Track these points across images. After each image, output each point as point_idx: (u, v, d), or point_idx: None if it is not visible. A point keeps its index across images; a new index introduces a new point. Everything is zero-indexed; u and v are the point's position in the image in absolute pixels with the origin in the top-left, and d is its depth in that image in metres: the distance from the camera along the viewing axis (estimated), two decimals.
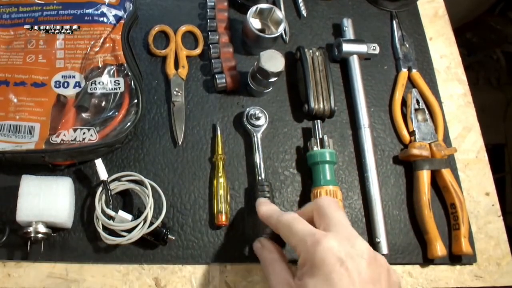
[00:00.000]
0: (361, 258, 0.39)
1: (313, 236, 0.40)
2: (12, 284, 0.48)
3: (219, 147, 0.56)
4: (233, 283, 0.52)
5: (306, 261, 0.40)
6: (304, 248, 0.40)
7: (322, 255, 0.38)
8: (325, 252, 0.38)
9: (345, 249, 0.38)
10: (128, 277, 0.50)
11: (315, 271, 0.38)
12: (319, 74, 0.60)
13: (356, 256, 0.38)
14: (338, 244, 0.39)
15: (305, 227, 0.42)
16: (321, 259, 0.38)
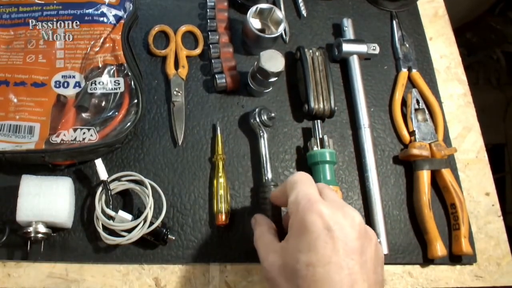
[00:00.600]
0: (351, 228, 0.38)
1: (308, 198, 0.39)
2: (12, 284, 0.48)
3: (219, 147, 0.56)
4: (233, 283, 0.52)
5: (294, 222, 0.39)
6: (295, 209, 0.39)
7: (311, 219, 0.38)
8: (315, 217, 0.38)
9: (336, 218, 0.38)
10: (128, 277, 0.50)
11: (301, 234, 0.38)
12: (319, 74, 0.60)
13: (346, 226, 0.38)
14: (330, 211, 0.38)
15: (306, 189, 0.41)
16: (310, 223, 0.38)
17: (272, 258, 0.41)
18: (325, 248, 0.37)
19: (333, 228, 0.37)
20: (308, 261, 0.37)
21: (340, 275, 0.36)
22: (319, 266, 0.36)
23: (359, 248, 0.38)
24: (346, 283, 0.36)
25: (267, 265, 0.41)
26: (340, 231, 0.37)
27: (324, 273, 0.36)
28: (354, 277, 0.36)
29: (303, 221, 0.38)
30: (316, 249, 0.37)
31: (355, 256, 0.37)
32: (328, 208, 0.38)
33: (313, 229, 0.37)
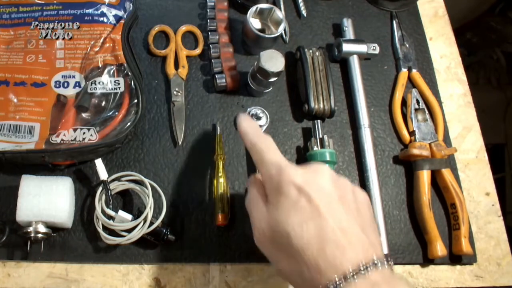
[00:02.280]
0: (323, 181, 0.40)
1: (279, 167, 0.40)
2: (12, 284, 0.48)
3: (219, 147, 0.56)
4: (233, 283, 0.52)
5: (271, 191, 0.41)
6: (269, 178, 0.41)
7: (282, 184, 0.39)
8: (285, 181, 0.39)
9: (305, 177, 0.39)
10: (128, 277, 0.50)
11: (279, 202, 0.39)
12: (319, 74, 0.60)
13: (318, 182, 0.39)
14: (301, 173, 0.40)
15: (274, 157, 0.42)
16: (284, 189, 0.39)
17: (262, 224, 0.41)
18: (302, 208, 0.38)
19: (306, 188, 0.38)
20: (298, 221, 0.38)
21: (329, 223, 0.37)
22: (308, 221, 0.37)
23: (337, 196, 0.39)
24: (338, 229, 0.37)
25: (257, 232, 0.41)
26: (315, 188, 0.39)
27: (316, 226, 0.37)
28: (343, 224, 0.37)
29: (278, 190, 0.39)
30: (300, 210, 0.38)
31: (336, 205, 0.39)
32: (297, 171, 0.40)
33: (289, 195, 0.39)
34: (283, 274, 0.40)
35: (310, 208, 0.38)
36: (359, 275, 0.35)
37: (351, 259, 0.36)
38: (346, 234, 0.37)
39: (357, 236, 0.37)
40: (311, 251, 0.37)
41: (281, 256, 0.39)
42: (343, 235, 0.37)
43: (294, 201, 0.38)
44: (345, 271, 0.35)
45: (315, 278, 0.36)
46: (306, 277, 0.37)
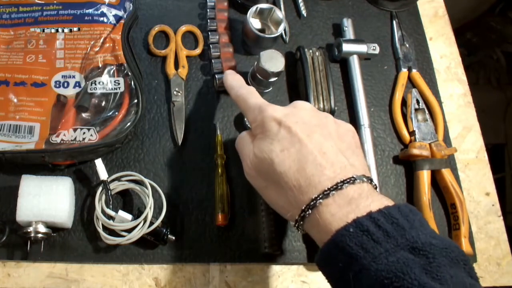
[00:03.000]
0: (303, 112, 0.44)
1: (260, 107, 0.45)
2: (12, 284, 0.48)
3: (219, 147, 0.56)
4: (233, 283, 0.52)
5: (256, 129, 0.45)
6: (254, 119, 0.45)
7: (266, 121, 0.43)
8: (268, 118, 0.43)
9: (284, 112, 0.43)
10: (128, 277, 0.50)
11: (263, 136, 0.43)
12: (319, 74, 0.60)
13: (296, 113, 0.43)
14: (280, 109, 0.44)
15: (257, 100, 0.46)
16: (266, 124, 0.43)
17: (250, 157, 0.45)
18: (287, 136, 0.42)
19: (285, 120, 0.42)
20: (280, 149, 0.41)
21: (308, 147, 0.40)
22: (289, 148, 0.41)
23: (317, 124, 0.43)
24: (317, 152, 0.40)
25: (246, 166, 0.45)
26: (293, 120, 0.42)
27: (296, 151, 0.41)
28: (321, 147, 0.41)
29: (262, 127, 0.43)
30: (281, 139, 0.42)
31: (316, 132, 0.42)
32: (277, 107, 0.44)
33: (271, 129, 0.43)
34: (271, 202, 0.44)
35: (290, 137, 0.41)
36: (337, 191, 0.38)
37: (329, 177, 0.39)
38: (324, 156, 0.40)
39: (335, 158, 0.40)
40: (292, 173, 0.40)
41: (267, 184, 0.43)
42: (322, 157, 0.40)
43: (275, 133, 0.42)
44: (324, 188, 0.38)
45: (297, 198, 0.40)
46: (290, 199, 0.40)
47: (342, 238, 0.36)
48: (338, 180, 0.39)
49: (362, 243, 0.35)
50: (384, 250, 0.34)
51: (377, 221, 0.36)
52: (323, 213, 0.38)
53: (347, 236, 0.36)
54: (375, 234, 0.35)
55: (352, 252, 0.35)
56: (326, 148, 0.41)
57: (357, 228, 0.36)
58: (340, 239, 0.36)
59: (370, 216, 0.36)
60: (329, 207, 0.38)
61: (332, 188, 0.38)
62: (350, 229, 0.36)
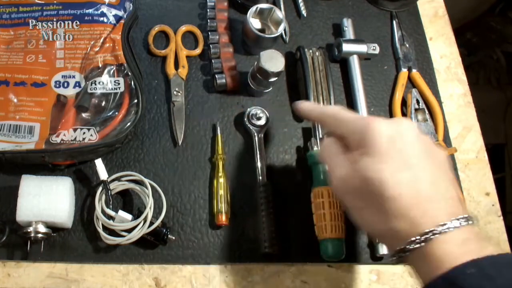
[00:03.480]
0: (411, 132, 0.40)
1: (363, 120, 0.41)
2: (12, 284, 0.48)
3: (219, 147, 0.56)
4: (233, 283, 0.52)
5: (358, 143, 0.40)
6: (356, 131, 0.41)
7: (374, 135, 0.39)
8: (377, 132, 0.39)
9: (394, 129, 0.40)
10: (128, 277, 0.50)
11: (369, 152, 0.39)
12: (319, 74, 0.60)
13: (406, 133, 0.40)
14: (388, 124, 0.40)
15: (352, 114, 0.43)
16: (373, 139, 0.39)
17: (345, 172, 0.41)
18: (397, 157, 0.38)
19: (396, 139, 0.39)
20: (391, 170, 0.38)
21: (421, 176, 0.38)
22: (402, 171, 0.38)
23: (424, 151, 0.39)
24: (429, 183, 0.38)
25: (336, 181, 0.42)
26: (404, 140, 0.39)
27: (409, 177, 0.37)
28: (432, 178, 0.38)
29: (366, 140, 0.39)
30: (392, 159, 0.38)
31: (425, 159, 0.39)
32: (383, 122, 0.40)
33: (379, 145, 0.39)
34: (365, 224, 0.41)
35: (401, 158, 0.38)
36: (453, 228, 0.36)
37: (444, 212, 0.36)
38: (437, 188, 0.38)
39: (447, 192, 0.38)
40: (404, 201, 0.37)
41: (365, 205, 0.39)
42: (435, 189, 0.37)
43: (385, 151, 0.38)
44: (439, 223, 0.36)
45: (406, 228, 0.37)
46: (395, 227, 0.37)
47: (459, 277, 0.34)
48: (454, 218, 0.36)
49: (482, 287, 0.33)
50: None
51: (499, 269, 0.34)
52: (436, 249, 0.35)
53: (466, 276, 0.33)
54: (497, 280, 0.33)
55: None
56: (436, 179, 0.38)
57: (478, 270, 0.33)
58: (456, 278, 0.34)
59: (491, 260, 0.34)
60: (444, 244, 0.35)
61: (447, 224, 0.36)
62: (468, 271, 0.34)
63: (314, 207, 0.53)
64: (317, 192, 0.53)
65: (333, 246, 0.51)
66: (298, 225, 0.54)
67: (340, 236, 0.51)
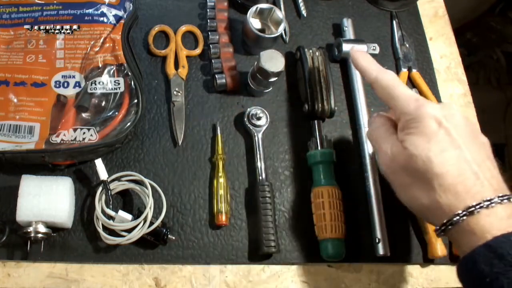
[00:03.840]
0: (458, 116, 0.43)
1: (417, 101, 0.43)
2: (12, 284, 0.48)
3: (219, 147, 0.56)
4: (233, 283, 0.52)
5: (408, 123, 0.43)
6: (407, 112, 0.43)
7: (424, 117, 0.42)
8: (426, 115, 0.42)
9: (443, 112, 0.42)
10: (128, 277, 0.50)
11: (418, 132, 0.42)
12: (319, 74, 0.60)
13: (454, 116, 0.43)
14: (438, 108, 0.43)
15: (406, 91, 0.45)
16: (424, 121, 0.42)
17: (393, 150, 0.44)
18: (442, 140, 0.41)
19: (445, 122, 0.42)
20: (439, 149, 0.41)
21: (467, 155, 0.41)
22: (449, 150, 0.41)
23: (471, 133, 0.43)
24: (474, 162, 0.40)
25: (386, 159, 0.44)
26: (453, 123, 0.42)
27: (456, 155, 0.41)
28: (478, 159, 0.41)
29: (418, 121, 0.42)
30: (441, 140, 0.41)
31: (471, 141, 0.42)
32: (435, 106, 0.43)
33: (429, 126, 0.42)
34: (412, 199, 0.43)
35: (450, 139, 0.41)
36: (497, 204, 0.38)
37: (489, 189, 0.39)
38: (482, 168, 0.40)
39: (491, 172, 0.41)
40: (451, 177, 0.40)
41: (413, 181, 0.42)
42: (480, 169, 0.40)
43: (434, 132, 0.41)
44: (483, 198, 0.38)
45: (451, 202, 0.39)
46: (441, 201, 0.40)
47: (501, 245, 0.36)
48: (499, 194, 0.39)
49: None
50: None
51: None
52: (480, 222, 0.38)
53: (508, 244, 0.36)
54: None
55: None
56: (482, 160, 0.41)
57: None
58: (499, 245, 0.36)
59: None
60: (488, 217, 0.38)
61: (493, 200, 0.38)
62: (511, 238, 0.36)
63: (314, 207, 0.53)
64: (317, 192, 0.53)
65: (333, 246, 0.51)
66: (298, 225, 0.54)
67: (340, 236, 0.51)
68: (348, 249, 0.52)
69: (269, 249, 0.51)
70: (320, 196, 0.53)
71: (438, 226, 0.41)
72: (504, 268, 0.35)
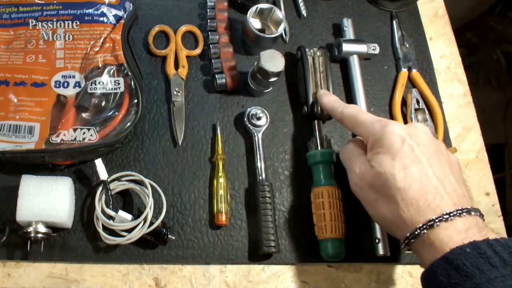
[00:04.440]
0: (423, 134, 0.45)
1: (380, 122, 0.46)
2: (12, 284, 0.48)
3: (219, 147, 0.56)
4: (233, 283, 0.52)
5: (374, 143, 0.46)
6: (372, 133, 0.46)
7: (389, 135, 0.44)
8: (391, 133, 0.44)
9: (407, 131, 0.45)
10: (128, 277, 0.50)
11: (383, 151, 0.44)
12: (319, 74, 0.60)
13: (418, 134, 0.45)
14: (402, 127, 0.45)
15: (369, 116, 0.48)
16: (388, 139, 0.44)
17: (361, 169, 0.46)
18: (406, 156, 0.43)
19: (409, 139, 0.44)
20: (402, 165, 0.43)
21: (429, 171, 0.42)
22: (412, 166, 0.43)
23: (434, 149, 0.45)
24: (440, 174, 0.43)
25: (355, 178, 0.47)
26: (416, 140, 0.44)
27: (418, 171, 0.42)
28: (440, 174, 0.43)
29: (383, 140, 0.45)
30: (404, 156, 0.43)
31: (434, 157, 0.44)
32: (399, 125, 0.46)
33: (394, 144, 0.44)
34: (379, 215, 0.45)
35: (413, 156, 0.43)
36: (455, 217, 0.40)
37: (449, 203, 0.41)
38: (443, 183, 0.42)
39: (452, 186, 0.42)
40: (412, 192, 0.42)
41: (379, 197, 0.44)
42: (441, 183, 0.42)
43: (398, 149, 0.43)
44: (443, 212, 0.40)
45: (413, 216, 0.41)
46: (404, 216, 0.42)
47: (457, 257, 0.37)
48: (459, 208, 0.40)
49: (478, 264, 0.36)
50: (500, 275, 0.35)
51: (494, 248, 0.37)
52: (439, 235, 0.40)
53: (463, 255, 0.37)
54: (492, 258, 0.36)
55: (467, 270, 0.36)
56: (444, 175, 0.43)
57: (474, 250, 0.37)
58: (455, 257, 0.37)
59: (488, 242, 0.37)
60: (447, 230, 0.40)
61: (452, 213, 0.40)
62: (467, 249, 0.37)
63: (314, 207, 0.53)
64: (317, 192, 0.53)
65: (333, 246, 0.51)
66: (298, 225, 0.54)
67: (340, 236, 0.51)
68: (348, 249, 0.52)
69: (269, 249, 0.51)
70: (320, 196, 0.53)
71: (402, 240, 0.43)
72: (461, 278, 0.36)
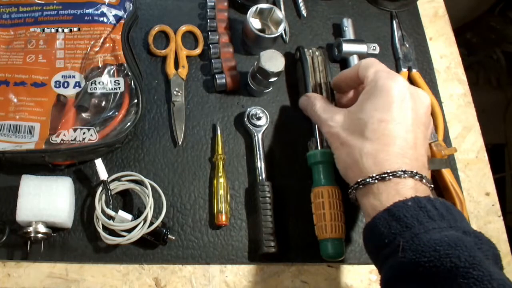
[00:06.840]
0: (422, 104, 0.46)
1: (389, 71, 0.47)
2: (12, 284, 0.48)
3: (219, 147, 0.56)
4: (233, 283, 0.52)
5: (371, 89, 0.46)
6: (375, 78, 0.47)
7: (391, 84, 0.45)
8: (395, 84, 0.45)
9: (412, 90, 0.46)
10: (128, 277, 0.50)
11: (379, 97, 0.45)
12: (319, 74, 0.60)
13: (418, 100, 0.46)
14: (408, 85, 0.46)
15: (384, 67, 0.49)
16: (390, 87, 0.45)
17: (338, 117, 0.48)
18: (398, 111, 0.44)
19: (408, 98, 0.45)
20: (381, 118, 0.44)
21: (407, 134, 0.44)
22: (390, 123, 0.44)
23: (425, 122, 0.46)
24: (411, 141, 0.44)
25: (332, 123, 0.48)
26: (414, 103, 0.45)
27: (393, 130, 0.44)
28: (416, 141, 0.44)
29: (384, 86, 0.45)
30: (391, 109, 0.44)
31: (422, 128, 0.45)
32: (407, 82, 0.46)
33: (391, 93, 0.45)
34: (338, 156, 0.48)
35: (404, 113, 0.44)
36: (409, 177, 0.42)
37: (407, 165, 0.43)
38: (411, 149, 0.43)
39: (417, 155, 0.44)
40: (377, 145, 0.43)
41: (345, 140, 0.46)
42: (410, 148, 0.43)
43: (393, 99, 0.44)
44: (398, 169, 0.42)
45: (370, 165, 0.43)
46: (363, 162, 0.44)
47: (399, 209, 0.40)
48: (414, 170, 0.42)
49: (418, 216, 0.39)
50: (438, 226, 0.38)
51: (434, 203, 0.40)
52: (388, 188, 0.42)
53: (405, 208, 0.39)
54: (431, 212, 0.39)
55: (407, 221, 0.39)
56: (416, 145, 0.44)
57: (415, 203, 0.39)
58: (396, 209, 0.40)
59: (429, 198, 0.40)
60: (397, 185, 0.42)
61: (407, 172, 0.42)
62: (409, 203, 0.40)
63: (314, 207, 0.53)
64: (317, 192, 0.53)
65: (333, 246, 0.51)
66: (298, 225, 0.54)
67: (340, 236, 0.51)
68: (348, 249, 0.52)
69: (269, 249, 0.51)
70: (320, 196, 0.53)
71: (351, 184, 0.45)
72: (401, 228, 0.39)
